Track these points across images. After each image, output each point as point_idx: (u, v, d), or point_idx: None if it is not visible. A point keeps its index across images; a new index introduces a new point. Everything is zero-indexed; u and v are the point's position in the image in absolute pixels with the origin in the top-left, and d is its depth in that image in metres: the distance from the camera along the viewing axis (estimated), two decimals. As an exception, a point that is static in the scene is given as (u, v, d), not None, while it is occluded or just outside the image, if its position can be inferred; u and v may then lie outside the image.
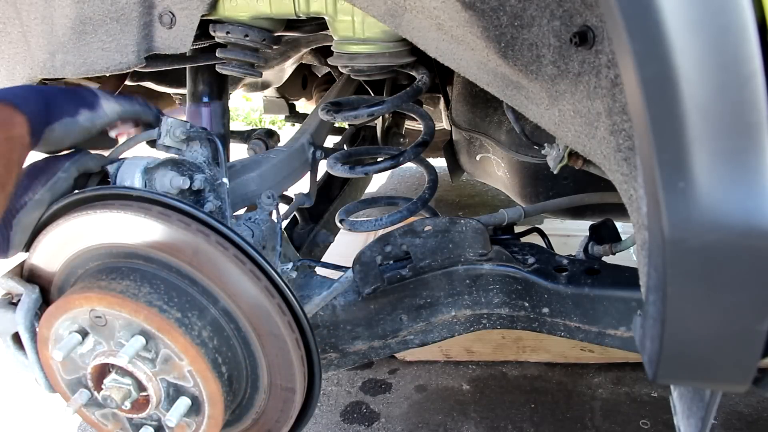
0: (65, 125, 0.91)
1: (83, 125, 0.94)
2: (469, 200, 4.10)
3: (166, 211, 0.90)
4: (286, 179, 1.41)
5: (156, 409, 0.91)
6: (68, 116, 0.92)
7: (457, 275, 1.24)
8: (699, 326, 0.59)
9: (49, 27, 1.14)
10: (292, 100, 2.65)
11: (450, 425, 2.06)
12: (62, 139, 0.92)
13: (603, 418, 2.05)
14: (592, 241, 1.28)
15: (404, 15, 0.98)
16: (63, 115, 0.91)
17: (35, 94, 0.89)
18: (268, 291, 0.90)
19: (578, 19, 0.78)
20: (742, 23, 0.50)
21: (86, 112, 0.95)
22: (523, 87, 0.93)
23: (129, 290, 0.88)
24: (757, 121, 0.52)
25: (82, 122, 0.94)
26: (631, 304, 1.13)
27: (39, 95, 0.89)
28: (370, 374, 2.36)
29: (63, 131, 0.91)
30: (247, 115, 7.05)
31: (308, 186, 1.51)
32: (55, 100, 0.91)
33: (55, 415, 2.18)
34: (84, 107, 0.94)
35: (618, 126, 0.74)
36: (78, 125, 0.93)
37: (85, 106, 0.95)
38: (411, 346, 1.31)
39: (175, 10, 1.11)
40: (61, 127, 0.91)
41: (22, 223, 0.92)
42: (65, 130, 0.92)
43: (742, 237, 0.54)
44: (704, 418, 0.73)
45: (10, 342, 1.00)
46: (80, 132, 0.94)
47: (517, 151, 1.60)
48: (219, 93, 1.51)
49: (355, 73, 1.27)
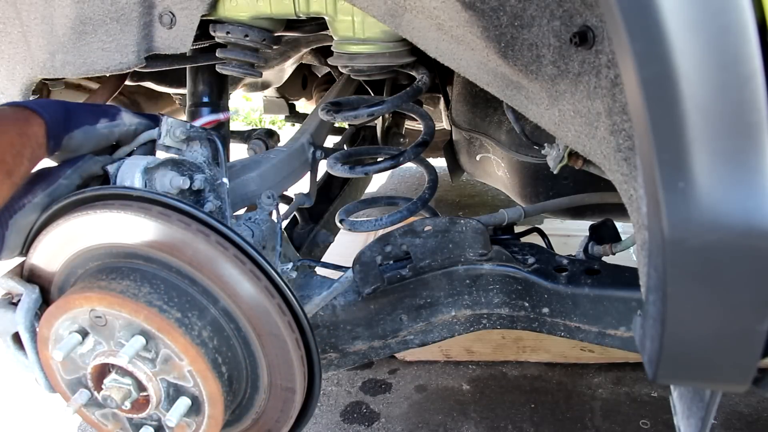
0: (84, 132, 0.95)
1: (102, 132, 0.99)
2: (469, 200, 4.10)
3: (166, 211, 0.90)
4: (286, 179, 1.41)
5: (156, 409, 0.91)
6: (88, 124, 0.96)
7: (457, 275, 1.24)
8: (699, 326, 0.59)
9: (49, 27, 1.14)
10: (292, 100, 2.65)
11: (450, 425, 2.06)
12: (81, 145, 0.96)
13: (603, 418, 2.05)
14: (592, 241, 1.28)
15: (404, 15, 0.98)
16: (83, 123, 0.95)
17: (57, 104, 0.94)
18: (268, 291, 0.90)
19: (578, 19, 0.78)
20: (742, 23, 0.50)
21: (105, 120, 0.99)
22: (523, 87, 0.93)
23: (129, 290, 0.88)
24: (757, 121, 0.52)
25: (100, 129, 0.98)
26: (631, 304, 1.13)
27: (60, 105, 0.94)
28: (370, 374, 2.36)
29: (82, 138, 0.95)
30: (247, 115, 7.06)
31: (308, 186, 1.51)
32: (76, 110, 0.96)
33: (55, 415, 2.18)
34: (104, 117, 0.99)
35: (618, 126, 0.74)
36: (97, 132, 0.98)
37: (106, 117, 0.99)
38: (411, 346, 1.31)
39: (175, 10, 1.11)
40: (80, 134, 0.95)
41: (18, 225, 0.93)
42: (84, 137, 0.96)
43: (742, 237, 0.54)
44: (704, 418, 0.73)
45: (11, 342, 1.00)
46: (99, 139, 0.99)
47: (517, 151, 1.60)
48: (219, 93, 1.51)
49: (355, 73, 1.27)
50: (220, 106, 1.49)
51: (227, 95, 1.56)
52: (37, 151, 0.89)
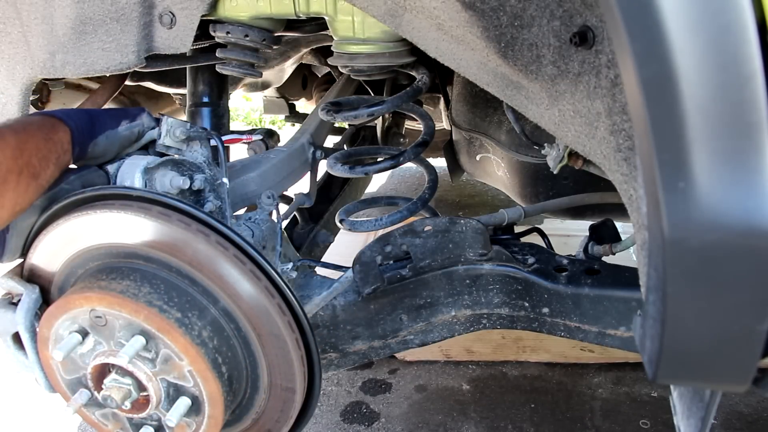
0: (108, 137, 1.00)
1: (123, 135, 1.03)
2: (469, 200, 4.10)
3: (166, 211, 0.90)
4: (286, 179, 1.41)
5: (156, 409, 0.91)
6: (110, 129, 1.01)
7: (457, 275, 1.24)
8: (699, 326, 0.59)
9: (49, 27, 1.14)
10: (292, 100, 2.65)
11: (450, 425, 2.06)
12: (107, 149, 1.01)
13: (603, 418, 2.05)
14: (592, 241, 1.28)
15: (404, 15, 0.98)
16: (106, 129, 1.00)
17: (81, 113, 0.99)
18: (268, 291, 0.90)
19: (578, 19, 0.78)
20: (742, 23, 0.50)
21: (126, 122, 1.03)
22: (523, 87, 0.93)
23: (129, 290, 0.88)
24: (757, 121, 0.52)
25: (122, 132, 1.03)
26: (631, 304, 1.13)
27: (84, 113, 0.99)
28: (370, 374, 2.36)
29: (107, 143, 1.00)
30: (247, 115, 7.05)
31: (308, 186, 1.51)
32: (99, 117, 1.00)
33: (55, 415, 2.18)
34: (125, 119, 1.03)
35: (618, 126, 0.74)
36: (119, 135, 1.02)
37: (126, 118, 1.03)
38: (411, 346, 1.31)
39: (175, 10, 1.11)
40: (104, 139, 0.99)
41: (19, 227, 0.94)
42: (108, 142, 1.00)
43: (742, 237, 0.54)
44: (704, 418, 0.73)
45: (11, 342, 1.00)
46: (122, 141, 1.03)
47: (517, 151, 1.60)
48: (219, 93, 1.51)
49: (355, 73, 1.27)
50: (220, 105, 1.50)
51: (227, 95, 1.56)
52: (63, 157, 0.92)
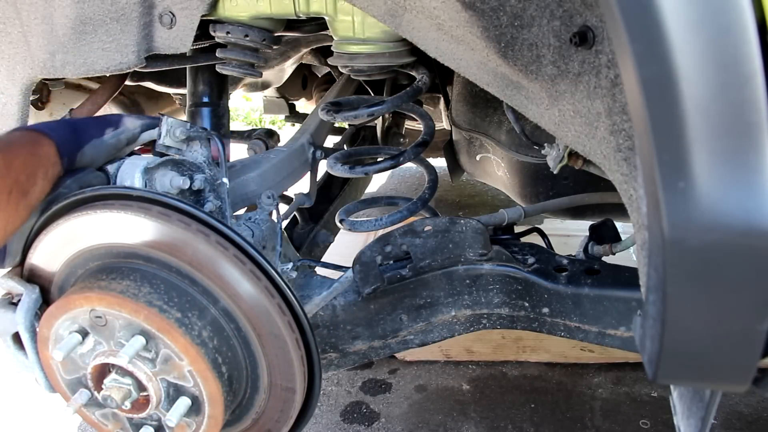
0: (94, 146, 1.00)
1: (110, 143, 1.03)
2: (469, 200, 4.10)
3: (166, 211, 0.89)
4: (286, 179, 1.41)
5: (156, 409, 0.91)
6: (96, 138, 1.00)
7: (457, 275, 1.24)
8: (699, 326, 0.59)
9: (49, 27, 1.14)
10: (292, 100, 2.64)
11: (450, 425, 2.06)
12: (94, 158, 1.01)
13: (603, 418, 2.05)
14: (592, 241, 1.28)
15: (404, 15, 0.98)
16: (91, 137, 1.00)
17: (63, 124, 0.99)
18: (268, 291, 0.90)
19: (578, 19, 0.78)
20: (742, 23, 0.50)
21: (111, 130, 1.03)
22: (523, 87, 0.93)
23: (129, 290, 0.88)
24: (757, 121, 0.52)
25: (108, 140, 1.03)
26: (631, 304, 1.13)
27: (65, 123, 1.00)
28: (370, 374, 2.36)
29: (93, 152, 1.00)
30: (247, 115, 7.05)
31: (308, 186, 1.51)
32: (82, 127, 1.00)
33: (55, 415, 2.18)
34: (109, 127, 1.03)
35: (618, 126, 0.74)
36: (105, 143, 1.02)
37: (110, 126, 1.03)
38: (411, 346, 1.31)
39: (175, 10, 1.11)
40: (90, 148, 0.99)
41: (20, 230, 0.93)
42: (95, 151, 1.00)
43: (742, 237, 0.54)
44: (704, 418, 0.73)
45: (11, 342, 1.00)
46: (109, 149, 1.03)
47: (517, 151, 1.60)
48: (219, 93, 1.51)
49: (355, 73, 1.27)
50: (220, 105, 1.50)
51: (227, 95, 1.56)
52: (51, 170, 0.92)
